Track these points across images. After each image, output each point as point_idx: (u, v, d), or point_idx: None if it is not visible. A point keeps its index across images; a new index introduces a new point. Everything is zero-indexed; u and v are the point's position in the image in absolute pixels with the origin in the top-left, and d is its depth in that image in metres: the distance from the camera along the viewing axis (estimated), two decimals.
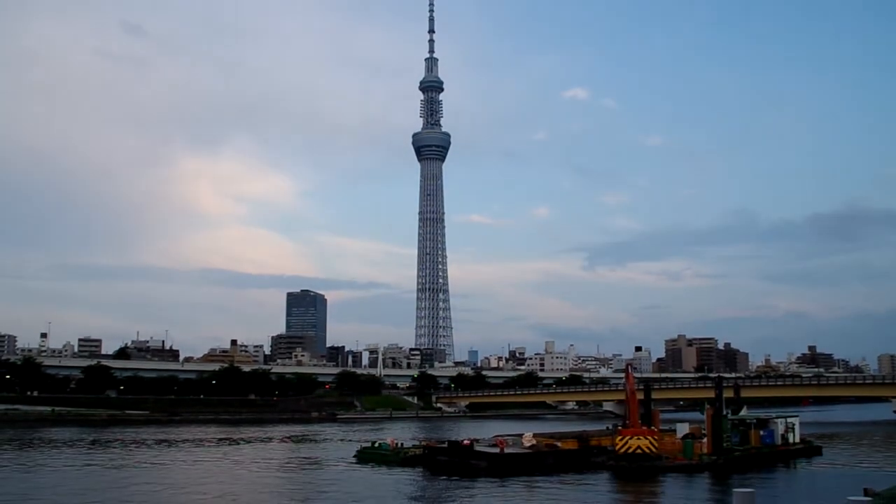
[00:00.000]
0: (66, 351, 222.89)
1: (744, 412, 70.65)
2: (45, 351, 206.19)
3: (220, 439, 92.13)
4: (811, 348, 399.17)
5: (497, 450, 57.03)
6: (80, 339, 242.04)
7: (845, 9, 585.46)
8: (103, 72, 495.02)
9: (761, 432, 65.18)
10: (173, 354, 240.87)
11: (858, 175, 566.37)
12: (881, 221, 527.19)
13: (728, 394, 68.95)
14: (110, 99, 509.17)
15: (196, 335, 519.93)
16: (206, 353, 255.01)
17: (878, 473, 50.30)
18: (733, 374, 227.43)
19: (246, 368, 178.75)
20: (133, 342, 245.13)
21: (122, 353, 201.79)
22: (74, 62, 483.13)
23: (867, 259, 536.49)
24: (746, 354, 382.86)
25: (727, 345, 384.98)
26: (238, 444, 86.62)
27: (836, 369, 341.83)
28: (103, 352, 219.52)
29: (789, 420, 69.28)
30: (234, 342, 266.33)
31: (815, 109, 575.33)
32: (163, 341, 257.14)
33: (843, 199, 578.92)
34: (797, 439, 68.38)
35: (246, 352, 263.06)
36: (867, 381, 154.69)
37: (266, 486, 49.84)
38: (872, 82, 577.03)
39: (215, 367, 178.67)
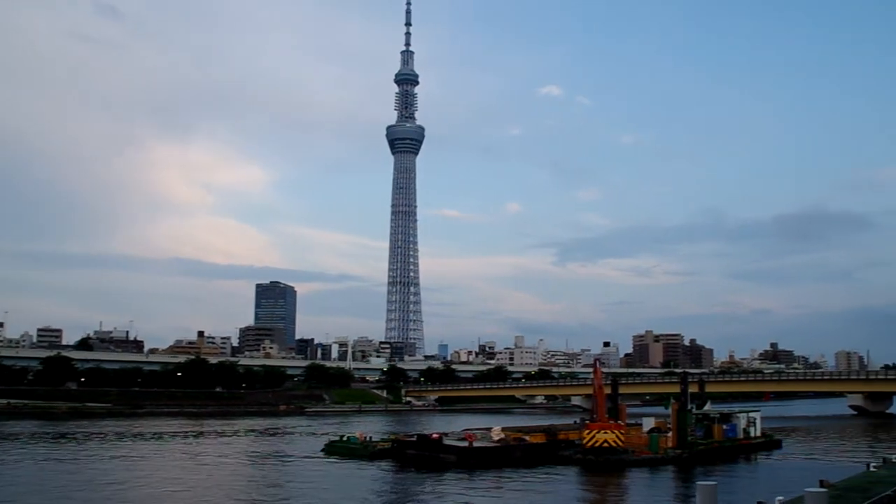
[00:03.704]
0: (23, 341, 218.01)
1: (708, 407, 71.88)
2: (0, 341, 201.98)
3: (185, 433, 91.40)
4: (773, 345, 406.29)
5: (466, 443, 57.43)
6: (39, 329, 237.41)
7: (812, 16, 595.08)
8: (74, 54, 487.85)
9: (724, 426, 66.55)
10: (138, 346, 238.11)
11: (821, 178, 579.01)
12: (842, 223, 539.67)
13: (693, 389, 70.22)
14: (80, 82, 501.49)
15: (162, 326, 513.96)
16: (171, 344, 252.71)
17: (834, 466, 51.56)
18: (698, 370, 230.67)
19: (213, 360, 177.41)
20: (96, 333, 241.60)
21: (84, 344, 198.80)
22: (44, 43, 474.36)
23: (828, 259, 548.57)
24: (711, 350, 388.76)
25: (693, 341, 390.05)
26: (203, 437, 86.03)
27: (796, 366, 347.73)
28: (64, 342, 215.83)
29: (751, 415, 70.82)
30: (200, 334, 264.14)
31: (783, 113, 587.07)
32: (127, 332, 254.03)
33: (806, 201, 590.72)
34: (758, 433, 69.91)
35: (213, 344, 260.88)
36: (825, 378, 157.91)
37: (231, 481, 49.61)
38: (837, 89, 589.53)
39: (181, 358, 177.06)
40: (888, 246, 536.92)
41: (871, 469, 36.88)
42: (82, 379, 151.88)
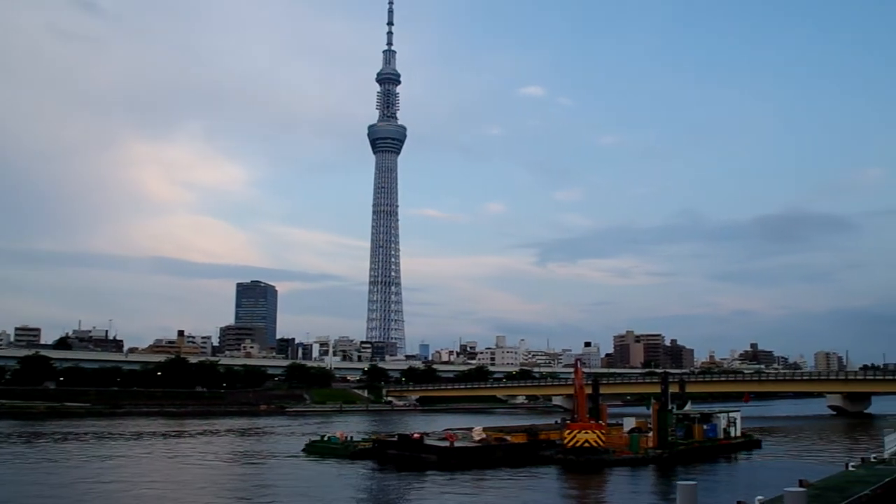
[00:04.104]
0: (0, 340, 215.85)
1: (688, 407, 72.13)
2: None
3: (165, 432, 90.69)
4: (753, 345, 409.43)
5: (447, 443, 57.28)
6: (16, 328, 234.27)
7: (792, 17, 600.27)
8: (52, 49, 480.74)
9: (704, 426, 66.75)
10: (117, 345, 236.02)
11: (802, 179, 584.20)
12: (822, 224, 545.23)
13: (673, 389, 70.40)
14: (58, 78, 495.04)
15: (142, 325, 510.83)
16: (151, 343, 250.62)
17: (814, 466, 51.86)
18: (679, 370, 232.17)
19: (193, 360, 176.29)
20: (75, 332, 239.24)
21: (63, 343, 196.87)
22: (21, 38, 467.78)
23: (808, 260, 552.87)
24: (692, 351, 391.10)
25: (674, 341, 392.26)
26: (183, 437, 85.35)
27: (776, 366, 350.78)
28: (42, 341, 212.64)
29: (731, 415, 71.11)
30: (181, 333, 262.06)
31: (764, 115, 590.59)
32: (106, 331, 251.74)
33: (786, 203, 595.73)
34: (738, 433, 70.21)
35: (193, 343, 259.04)
36: (804, 378, 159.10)
37: (211, 481, 49.13)
38: (817, 91, 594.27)
39: (161, 358, 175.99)
40: (868, 248, 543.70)
41: (850, 469, 37.06)
42: (61, 378, 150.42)
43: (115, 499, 41.96)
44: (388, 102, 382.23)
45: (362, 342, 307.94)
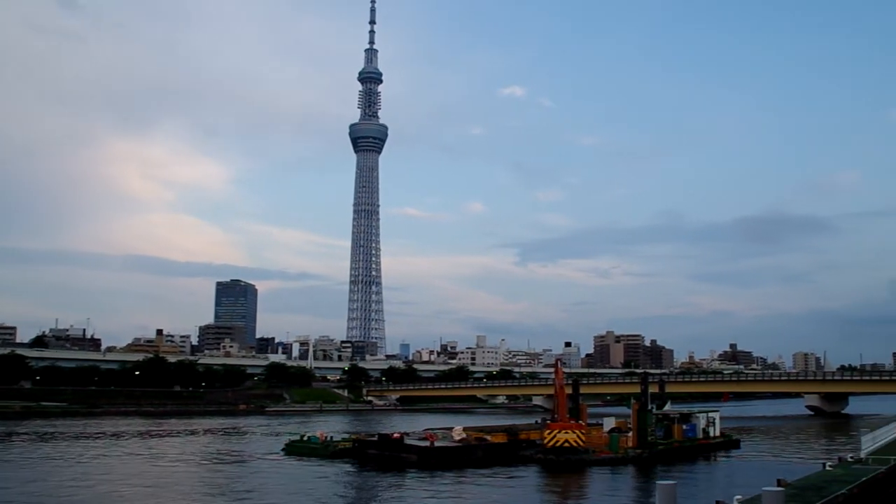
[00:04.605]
0: None
1: (668, 407, 72.41)
2: None
3: (143, 432, 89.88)
4: (732, 346, 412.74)
5: (427, 443, 57.17)
6: None
7: (775, 20, 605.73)
8: (31, 45, 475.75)
9: (684, 426, 67.04)
10: (95, 344, 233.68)
11: (780, 182, 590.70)
12: (800, 226, 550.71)
13: (653, 389, 70.70)
14: (36, 74, 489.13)
15: (120, 324, 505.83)
16: (130, 342, 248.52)
17: (792, 465, 52.22)
18: (659, 371, 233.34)
19: (172, 359, 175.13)
20: (52, 330, 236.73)
21: (40, 342, 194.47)
22: None
23: (786, 262, 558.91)
24: (672, 351, 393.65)
25: (653, 341, 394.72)
26: (161, 437, 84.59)
27: (754, 366, 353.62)
28: (18, 340, 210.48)
29: (710, 415, 71.48)
30: (159, 332, 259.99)
31: (743, 117, 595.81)
32: (84, 330, 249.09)
33: (765, 204, 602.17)
34: (717, 433, 70.56)
35: (172, 342, 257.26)
36: (782, 378, 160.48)
37: (189, 481, 48.67)
38: (797, 93, 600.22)
39: (139, 357, 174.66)
40: (846, 249, 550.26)
41: (828, 468, 37.30)
42: (37, 378, 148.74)
43: (94, 501, 41.40)
44: (369, 101, 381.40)
45: (343, 342, 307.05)
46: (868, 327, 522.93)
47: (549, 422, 59.18)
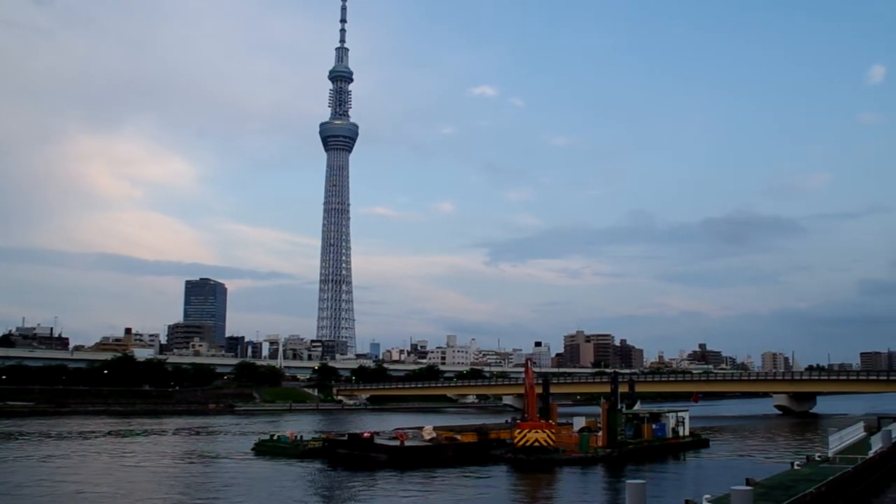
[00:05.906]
0: None
1: (637, 407, 72.87)
2: None
3: (111, 432, 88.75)
4: (701, 346, 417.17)
5: (397, 443, 57.03)
6: None
7: (743, 22, 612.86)
8: (0, 38, 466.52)
9: (653, 426, 67.54)
10: (62, 342, 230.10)
11: (749, 183, 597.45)
12: (769, 227, 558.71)
13: (623, 389, 71.18)
14: (6, 68, 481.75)
15: (88, 323, 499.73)
16: (98, 341, 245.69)
17: (760, 464, 52.75)
18: (628, 370, 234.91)
19: (140, 358, 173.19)
20: (18, 329, 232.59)
21: (6, 341, 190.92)
22: None
23: (755, 262, 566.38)
24: (641, 351, 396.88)
25: (623, 341, 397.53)
26: (130, 436, 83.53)
27: (723, 366, 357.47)
28: None
29: (680, 414, 72.01)
30: (128, 331, 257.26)
31: (713, 118, 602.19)
32: (51, 328, 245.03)
33: (734, 205, 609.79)
34: (687, 433, 71.12)
35: (141, 341, 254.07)
36: (751, 378, 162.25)
37: (158, 481, 48.02)
38: (766, 95, 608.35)
39: (108, 356, 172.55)
40: (813, 250, 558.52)
41: (796, 467, 37.71)
42: (3, 377, 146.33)
43: (58, 501, 40.63)
44: (340, 100, 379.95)
45: (313, 341, 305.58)
46: (836, 328, 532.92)
47: (519, 421, 59.29)
